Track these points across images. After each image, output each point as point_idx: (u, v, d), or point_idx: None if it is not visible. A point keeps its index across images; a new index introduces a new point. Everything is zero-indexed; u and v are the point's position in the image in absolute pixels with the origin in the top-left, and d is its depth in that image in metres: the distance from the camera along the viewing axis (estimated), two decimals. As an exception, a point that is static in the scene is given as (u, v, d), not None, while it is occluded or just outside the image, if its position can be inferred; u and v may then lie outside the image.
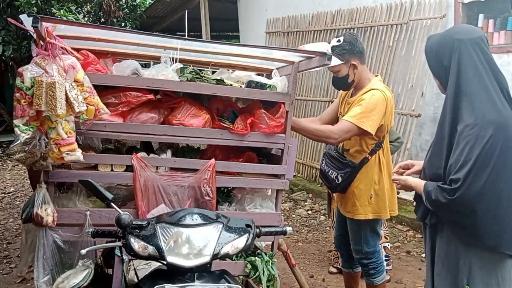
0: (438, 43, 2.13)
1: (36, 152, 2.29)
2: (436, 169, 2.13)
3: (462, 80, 2.03)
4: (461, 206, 1.97)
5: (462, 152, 1.96)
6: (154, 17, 12.55)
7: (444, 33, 2.18)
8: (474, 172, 1.93)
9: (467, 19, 5.83)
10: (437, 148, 2.14)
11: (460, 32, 2.11)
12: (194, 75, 2.75)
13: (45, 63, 2.18)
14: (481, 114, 1.97)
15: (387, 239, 4.34)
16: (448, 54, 2.06)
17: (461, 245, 2.10)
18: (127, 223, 1.88)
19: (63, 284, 2.45)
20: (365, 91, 2.97)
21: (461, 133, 1.99)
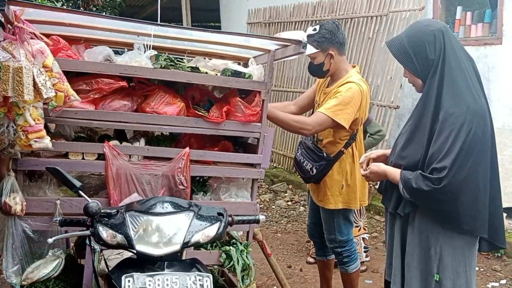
0: (413, 42, 2.10)
1: (3, 139, 2.22)
2: (413, 158, 2.13)
3: (446, 70, 2.06)
4: (446, 194, 2.00)
5: (446, 140, 1.98)
6: (133, 6, 12.40)
7: (414, 31, 2.15)
8: (459, 161, 1.96)
9: (445, 11, 5.88)
10: (415, 137, 2.13)
11: (430, 24, 2.15)
12: (168, 63, 2.71)
13: (12, 47, 2.12)
14: (465, 103, 2.01)
15: (365, 230, 4.36)
16: (433, 47, 2.07)
17: (433, 234, 2.12)
18: (95, 211, 1.85)
19: (32, 274, 2.41)
20: (341, 83, 2.96)
21: (444, 121, 2.01)
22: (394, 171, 2.19)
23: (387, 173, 2.23)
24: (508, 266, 4.38)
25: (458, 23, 5.77)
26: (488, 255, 4.57)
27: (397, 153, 2.24)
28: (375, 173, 2.28)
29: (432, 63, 2.07)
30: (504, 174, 4.90)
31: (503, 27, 5.24)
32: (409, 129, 2.20)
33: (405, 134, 2.23)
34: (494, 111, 5.27)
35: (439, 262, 2.12)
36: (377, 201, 5.80)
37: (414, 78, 2.17)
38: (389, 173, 2.22)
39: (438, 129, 2.02)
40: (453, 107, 2.00)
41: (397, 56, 2.16)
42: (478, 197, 2.05)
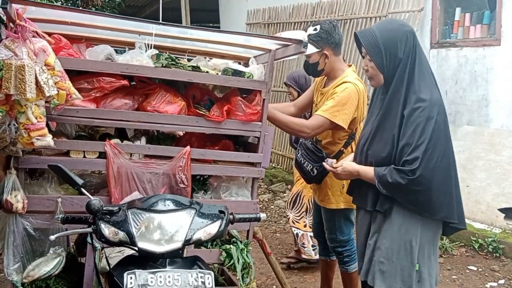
0: (387, 37, 2.18)
1: (5, 137, 2.23)
2: (381, 153, 2.21)
3: (417, 67, 2.17)
4: (420, 185, 2.09)
5: (414, 133, 2.09)
6: (133, 6, 12.40)
7: (388, 27, 2.24)
8: (429, 151, 2.07)
9: (444, 13, 5.90)
10: (383, 134, 2.22)
11: (404, 24, 2.29)
12: (169, 62, 2.72)
13: (14, 45, 2.12)
14: (428, 96, 2.13)
15: (311, 228, 4.33)
16: (403, 46, 2.16)
17: (412, 225, 2.20)
18: (98, 209, 1.85)
19: (33, 272, 2.41)
20: (337, 83, 2.97)
21: (410, 115, 2.12)
22: (367, 169, 2.26)
23: (359, 172, 2.29)
24: (506, 266, 4.40)
25: (457, 24, 5.79)
26: (487, 255, 4.59)
27: (365, 151, 2.30)
28: (347, 171, 2.34)
29: (399, 61, 2.17)
30: (502, 175, 4.94)
31: (501, 28, 5.26)
32: (374, 127, 2.27)
33: (370, 132, 2.29)
34: (492, 112, 5.37)
35: (419, 252, 2.21)
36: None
37: (377, 72, 2.23)
38: (362, 172, 2.28)
39: (404, 123, 2.12)
40: (418, 102, 2.12)
41: (368, 48, 2.21)
42: (449, 185, 2.18)
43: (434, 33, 5.88)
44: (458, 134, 5.53)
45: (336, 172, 2.40)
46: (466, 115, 5.64)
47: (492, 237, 4.60)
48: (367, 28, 2.30)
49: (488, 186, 5.05)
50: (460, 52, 5.65)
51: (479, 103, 5.51)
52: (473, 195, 5.11)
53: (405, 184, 2.08)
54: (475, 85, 5.54)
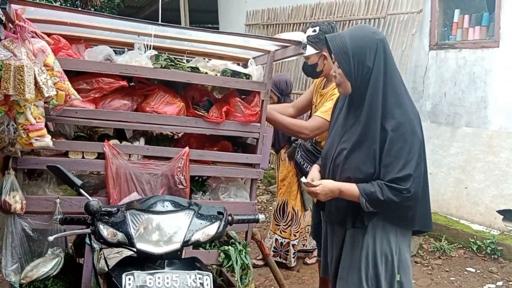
0: (356, 44, 2.08)
1: (4, 138, 2.23)
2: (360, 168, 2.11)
3: (388, 79, 2.08)
4: (412, 200, 2.06)
5: (402, 149, 2.03)
6: (132, 7, 12.39)
7: (359, 34, 2.12)
8: (419, 166, 2.04)
9: (443, 14, 5.90)
10: (362, 148, 2.11)
11: (376, 32, 2.17)
12: (168, 63, 2.72)
13: (13, 46, 2.12)
14: (409, 109, 2.09)
15: (295, 237, 4.36)
16: (373, 55, 2.07)
17: (393, 237, 2.17)
18: (96, 210, 1.85)
19: (32, 272, 2.41)
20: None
21: (395, 130, 2.04)
22: (350, 187, 2.11)
23: (341, 189, 2.13)
24: (504, 268, 4.41)
25: (456, 26, 5.79)
26: (485, 257, 4.60)
27: (340, 166, 2.18)
28: (327, 190, 2.14)
29: (367, 70, 2.08)
30: (501, 177, 4.95)
31: (500, 30, 5.26)
32: (354, 141, 2.15)
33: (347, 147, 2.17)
34: (491, 114, 5.38)
35: (399, 262, 2.19)
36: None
37: (344, 79, 2.14)
38: (344, 189, 2.12)
39: (390, 138, 2.04)
40: (402, 116, 2.06)
41: (336, 54, 2.12)
42: (427, 195, 2.18)
43: (433, 34, 5.88)
44: (457, 135, 5.54)
45: (315, 192, 2.16)
46: (464, 116, 5.64)
47: (490, 238, 4.61)
48: (338, 33, 2.19)
49: (487, 187, 5.06)
50: (459, 53, 5.66)
51: (478, 105, 5.52)
52: (471, 197, 5.12)
53: (399, 202, 2.03)
54: (474, 86, 5.55)
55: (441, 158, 5.53)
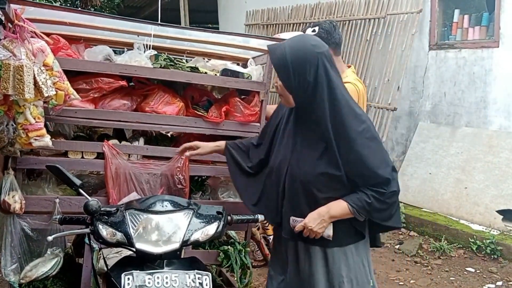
0: (295, 58, 1.97)
1: (3, 138, 2.23)
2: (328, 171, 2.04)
3: (336, 92, 2.01)
4: (397, 196, 2.09)
5: (372, 154, 2.00)
6: (132, 7, 12.40)
7: (298, 47, 2.00)
8: (390, 165, 2.06)
9: (443, 14, 5.91)
10: (324, 155, 2.05)
11: (317, 45, 2.02)
12: (168, 62, 2.72)
13: (13, 46, 2.12)
14: (363, 116, 2.06)
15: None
16: (313, 70, 1.97)
17: (360, 245, 2.17)
18: (95, 209, 1.85)
19: (31, 272, 2.41)
20: None
21: (358, 138, 2.00)
22: (337, 205, 2.03)
23: (331, 212, 2.03)
24: (504, 268, 4.40)
25: (456, 26, 5.80)
26: (485, 257, 4.60)
27: (299, 179, 2.07)
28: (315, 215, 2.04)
29: (307, 85, 1.99)
30: (501, 177, 4.95)
31: (500, 30, 5.27)
32: (308, 153, 2.08)
33: (303, 157, 2.09)
34: (490, 114, 5.38)
35: (369, 268, 2.20)
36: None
37: (285, 92, 2.07)
38: (334, 210, 2.03)
39: (360, 147, 1.99)
40: (359, 125, 2.02)
41: (276, 67, 2.03)
42: None
43: (433, 34, 5.89)
44: (457, 135, 5.54)
45: (308, 227, 2.04)
46: (464, 116, 5.65)
47: (490, 238, 4.60)
48: (280, 44, 2.05)
49: (487, 187, 5.06)
50: (458, 53, 5.67)
51: (478, 105, 5.52)
52: (471, 197, 5.11)
53: (390, 203, 2.04)
54: (474, 86, 5.55)
55: (440, 158, 5.53)
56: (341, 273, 2.12)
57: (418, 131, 5.94)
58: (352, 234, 2.13)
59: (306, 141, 2.09)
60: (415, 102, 6.17)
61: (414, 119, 6.18)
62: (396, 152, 6.41)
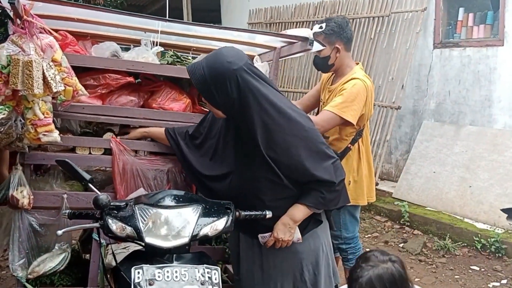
0: (214, 77, 1.97)
1: (12, 133, 2.23)
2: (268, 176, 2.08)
3: (264, 101, 2.02)
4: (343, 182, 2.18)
5: (309, 154, 2.05)
6: (135, 5, 12.41)
7: (215, 66, 1.99)
8: (328, 153, 2.13)
9: (447, 13, 5.91)
10: (262, 161, 2.07)
11: (233, 61, 1.99)
12: (175, 59, 2.72)
13: (22, 41, 2.12)
14: (298, 117, 2.10)
15: None
16: (234, 86, 1.97)
17: (321, 230, 2.28)
18: (105, 204, 1.85)
19: (39, 267, 2.41)
20: (346, 79, 2.97)
21: (291, 142, 2.04)
22: (297, 210, 2.12)
23: (293, 218, 2.12)
24: (508, 266, 4.40)
25: (460, 24, 5.80)
26: (489, 255, 4.59)
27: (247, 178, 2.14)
28: (281, 227, 2.13)
29: (233, 101, 2.00)
30: (505, 176, 4.94)
31: (504, 28, 5.26)
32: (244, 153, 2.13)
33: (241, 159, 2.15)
34: (495, 113, 5.38)
35: (329, 252, 2.31)
36: (378, 202, 5.81)
37: (213, 108, 2.10)
38: (296, 215, 2.12)
39: (295, 150, 2.03)
40: (295, 126, 2.06)
41: (198, 88, 2.05)
42: None
43: (437, 33, 5.89)
44: (461, 134, 5.54)
45: (279, 239, 2.13)
46: (469, 115, 5.64)
47: (494, 237, 4.60)
48: (197, 63, 2.05)
49: (491, 186, 5.05)
50: (463, 52, 5.66)
51: (482, 103, 5.52)
52: (475, 195, 5.11)
53: (339, 190, 2.13)
54: (478, 85, 5.54)
55: (445, 157, 5.52)
56: (301, 260, 2.20)
57: (422, 130, 5.94)
58: (310, 222, 2.20)
59: (245, 149, 2.11)
60: (419, 100, 6.16)
61: (418, 118, 6.17)
62: (400, 150, 6.41)
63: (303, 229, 2.18)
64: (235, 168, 2.16)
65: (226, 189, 2.20)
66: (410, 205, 5.44)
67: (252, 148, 2.06)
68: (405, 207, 5.34)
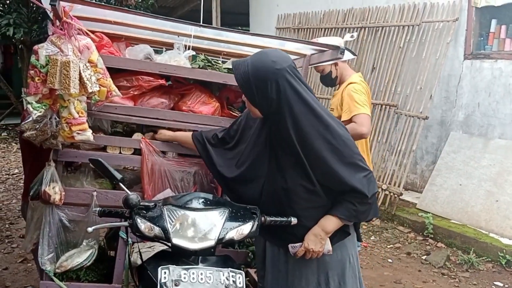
0: (257, 75, 1.98)
1: (47, 131, 2.30)
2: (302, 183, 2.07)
3: (301, 105, 2.01)
4: (375, 196, 2.14)
5: (343, 164, 2.04)
6: (165, 7, 12.56)
7: (259, 64, 1.99)
8: (363, 165, 2.10)
9: (479, 24, 5.82)
10: (297, 166, 2.06)
11: (277, 61, 1.99)
12: (206, 63, 2.76)
13: (60, 42, 2.19)
14: (335, 125, 2.07)
15: None
16: (275, 87, 1.97)
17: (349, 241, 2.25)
18: (135, 203, 1.89)
19: (66, 262, 2.47)
20: (346, 84, 3.40)
21: (325, 149, 2.02)
22: (328, 221, 2.09)
23: (325, 229, 2.10)
24: (532, 282, 4.31)
25: (492, 36, 5.70)
26: None
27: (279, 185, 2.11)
28: (312, 237, 2.11)
29: (271, 101, 2.00)
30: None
31: (538, 41, 5.16)
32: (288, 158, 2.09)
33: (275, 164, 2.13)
34: (526, 125, 5.24)
35: (356, 264, 2.27)
36: (401, 212, 5.76)
37: (251, 106, 2.09)
38: (327, 227, 2.10)
39: (328, 158, 2.00)
40: (331, 134, 2.04)
41: (240, 84, 2.05)
42: None
43: (468, 44, 5.80)
44: (490, 147, 5.44)
45: (310, 249, 2.10)
46: (498, 128, 5.54)
47: (520, 253, 4.51)
48: (243, 59, 2.05)
49: (518, 201, 4.95)
50: (494, 64, 5.57)
51: (512, 117, 5.42)
52: (502, 210, 5.01)
53: (373, 201, 2.10)
54: (509, 98, 5.44)
55: (472, 170, 5.44)
56: (327, 270, 2.19)
57: (450, 141, 5.86)
58: (337, 233, 2.17)
59: (279, 153, 2.10)
60: (447, 111, 6.08)
61: (445, 129, 6.09)
62: (425, 161, 6.33)
63: (331, 240, 2.16)
64: (266, 175, 2.16)
65: (252, 193, 2.21)
66: (434, 217, 5.37)
67: (287, 153, 2.06)
68: (429, 219, 5.27)
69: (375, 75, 6.54)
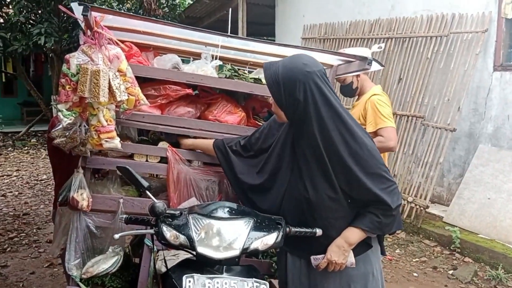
0: (286, 76, 1.98)
1: (76, 138, 2.35)
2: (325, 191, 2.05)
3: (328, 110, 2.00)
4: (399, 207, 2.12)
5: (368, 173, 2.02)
6: (192, 17, 12.73)
7: (290, 65, 2.01)
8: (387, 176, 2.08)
9: (509, 35, 5.71)
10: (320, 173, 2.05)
11: (308, 64, 2.00)
12: (232, 73, 2.78)
13: (91, 51, 2.24)
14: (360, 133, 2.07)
15: None
16: (302, 88, 1.97)
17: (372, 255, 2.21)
18: (161, 211, 1.91)
19: (92, 268, 2.50)
20: (369, 95, 3.46)
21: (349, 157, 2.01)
22: (352, 233, 2.08)
23: (348, 241, 2.08)
24: None
25: (523, 47, 5.60)
26: None
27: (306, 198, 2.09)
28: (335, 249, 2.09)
29: (297, 103, 1.99)
30: None
31: None
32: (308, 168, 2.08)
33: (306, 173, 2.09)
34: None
35: (380, 278, 2.24)
36: (427, 225, 5.65)
37: (277, 108, 2.08)
38: (350, 238, 2.08)
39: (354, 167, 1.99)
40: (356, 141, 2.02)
41: (268, 84, 2.05)
42: None
43: (498, 55, 5.70)
44: (519, 160, 5.31)
45: (332, 261, 2.09)
46: (528, 141, 5.41)
47: (552, 271, 4.37)
48: (275, 61, 2.07)
49: (550, 217, 4.81)
50: (525, 76, 5.45)
51: (544, 130, 5.28)
52: (533, 226, 4.88)
53: (397, 213, 2.09)
54: (540, 111, 5.32)
55: (501, 183, 5.31)
56: (350, 283, 2.16)
57: (478, 154, 5.74)
58: (359, 245, 2.14)
59: (302, 161, 2.09)
60: (475, 123, 5.97)
61: (474, 141, 5.97)
62: (453, 174, 6.21)
63: (353, 252, 2.14)
64: (287, 184, 2.16)
65: (271, 203, 2.21)
66: (461, 231, 5.26)
67: (311, 161, 2.05)
68: (457, 233, 5.16)
69: (401, 86, 6.47)
